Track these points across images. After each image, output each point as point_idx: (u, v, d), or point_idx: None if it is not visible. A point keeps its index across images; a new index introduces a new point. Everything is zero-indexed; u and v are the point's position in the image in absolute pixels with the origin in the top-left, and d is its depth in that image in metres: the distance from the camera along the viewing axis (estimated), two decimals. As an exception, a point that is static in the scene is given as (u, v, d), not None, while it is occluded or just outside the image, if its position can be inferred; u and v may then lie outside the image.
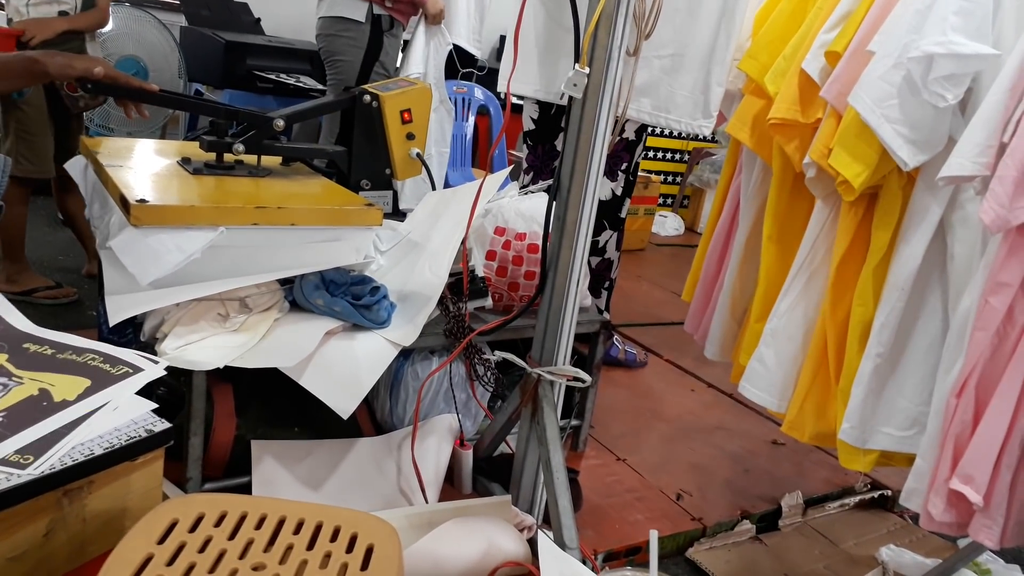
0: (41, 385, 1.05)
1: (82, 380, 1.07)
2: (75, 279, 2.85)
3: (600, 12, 1.39)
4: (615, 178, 2.52)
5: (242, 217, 1.52)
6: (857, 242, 1.55)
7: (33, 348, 1.15)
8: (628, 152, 2.52)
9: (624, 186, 2.55)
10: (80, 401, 1.02)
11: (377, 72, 3.09)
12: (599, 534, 1.82)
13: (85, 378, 1.07)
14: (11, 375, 1.07)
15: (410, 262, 1.88)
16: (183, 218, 1.46)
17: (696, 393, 2.75)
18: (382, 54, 3.08)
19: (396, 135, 2.00)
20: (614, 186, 2.52)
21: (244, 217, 1.52)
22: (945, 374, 1.38)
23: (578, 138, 1.47)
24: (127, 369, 1.11)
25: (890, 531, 2.11)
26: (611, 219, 2.56)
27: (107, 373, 1.09)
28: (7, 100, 2.56)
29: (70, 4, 2.67)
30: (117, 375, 1.09)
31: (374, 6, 3.00)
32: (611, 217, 2.56)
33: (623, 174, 2.53)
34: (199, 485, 1.60)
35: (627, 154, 2.52)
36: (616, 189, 2.53)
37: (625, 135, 2.48)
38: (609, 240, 2.58)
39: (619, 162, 2.51)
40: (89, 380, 1.07)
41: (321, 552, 0.86)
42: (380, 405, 1.92)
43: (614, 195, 2.54)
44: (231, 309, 1.55)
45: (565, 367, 1.60)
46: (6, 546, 0.92)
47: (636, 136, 2.51)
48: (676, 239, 5.27)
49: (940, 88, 1.29)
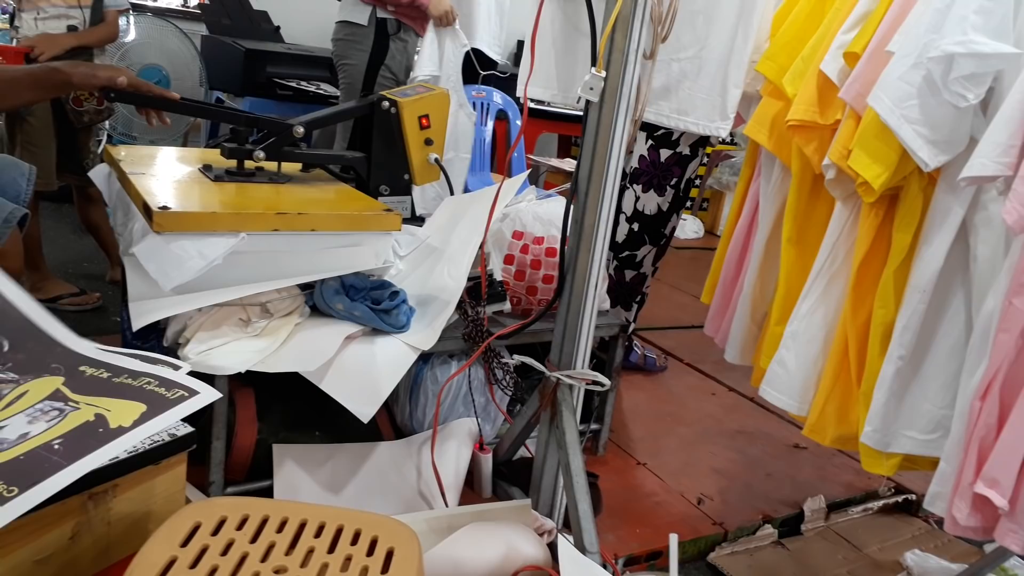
0: (97, 410, 1.03)
1: (138, 405, 1.05)
2: (100, 286, 2.88)
3: (616, 15, 1.39)
4: (663, 193, 2.37)
5: (263, 223, 1.53)
6: (878, 244, 1.53)
7: (89, 371, 1.13)
8: (680, 167, 2.36)
9: (672, 202, 2.40)
10: (136, 427, 1.00)
11: (384, 76, 3.09)
12: (619, 539, 1.81)
13: (141, 403, 1.05)
14: (67, 400, 1.05)
15: (429, 266, 1.89)
16: (205, 224, 1.48)
17: (717, 397, 2.74)
18: (388, 58, 3.08)
19: (414, 140, 2.02)
20: (661, 201, 2.38)
21: (265, 223, 1.53)
22: (969, 377, 1.37)
23: (595, 142, 1.47)
24: (183, 393, 1.08)
25: (915, 536, 2.09)
26: (653, 234, 2.43)
27: (163, 397, 1.07)
28: (14, 113, 2.60)
29: (78, 18, 2.70)
30: (172, 399, 1.07)
31: (377, 9, 3.02)
32: (653, 232, 2.43)
33: (672, 189, 2.37)
34: (221, 489, 1.62)
35: (679, 168, 2.36)
36: (663, 204, 2.39)
37: (680, 150, 2.33)
38: (647, 255, 2.47)
39: (669, 176, 2.36)
40: (145, 405, 1.05)
41: (342, 555, 0.86)
42: (400, 409, 1.93)
43: (660, 210, 2.40)
44: (252, 314, 1.57)
45: (584, 371, 1.60)
46: (33, 549, 0.93)
47: (691, 151, 2.35)
48: (695, 242, 5.25)
49: (961, 88, 1.28)
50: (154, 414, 1.03)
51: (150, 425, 1.02)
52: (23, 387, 1.07)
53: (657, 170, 2.35)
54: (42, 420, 1.00)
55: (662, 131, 2.26)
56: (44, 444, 0.95)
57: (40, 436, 0.96)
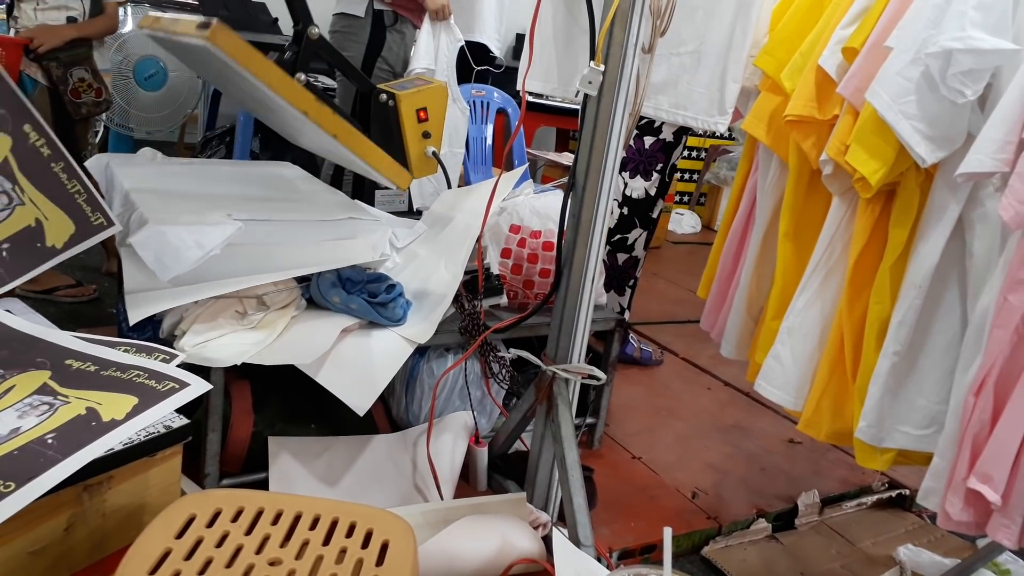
0: (88, 404, 1.02)
1: (129, 398, 1.04)
2: (95, 278, 2.88)
3: (615, 9, 1.38)
4: (649, 178, 2.54)
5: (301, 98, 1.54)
6: (874, 239, 1.53)
7: (76, 365, 1.12)
8: (664, 153, 2.53)
9: (659, 186, 2.57)
10: (129, 420, 0.99)
11: (380, 68, 3.07)
12: (614, 532, 1.82)
13: (132, 396, 1.04)
14: (56, 394, 1.04)
15: (425, 260, 1.89)
16: (250, 59, 1.47)
17: (712, 391, 2.74)
18: (384, 49, 3.06)
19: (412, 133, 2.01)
20: (648, 186, 2.55)
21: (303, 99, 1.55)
22: (963, 372, 1.37)
23: (593, 135, 1.47)
24: (173, 384, 1.07)
25: (908, 531, 2.10)
26: (642, 218, 2.58)
27: (153, 390, 1.06)
28: None
29: (78, 10, 2.68)
30: (163, 391, 1.06)
31: (374, 1, 3.00)
32: (643, 216, 2.58)
33: (658, 174, 2.55)
34: (217, 481, 1.62)
35: (663, 155, 2.53)
36: (650, 189, 2.56)
37: (663, 136, 2.50)
38: (638, 238, 2.60)
39: (655, 163, 2.53)
40: (136, 398, 1.04)
41: (337, 548, 0.86)
42: (396, 402, 1.93)
43: (647, 195, 2.56)
44: (249, 306, 1.57)
45: (580, 365, 1.60)
46: (28, 540, 0.93)
47: (675, 138, 2.52)
48: (693, 237, 5.25)
49: (959, 84, 1.28)
50: (146, 406, 1.03)
51: (143, 417, 1.01)
52: (9, 382, 1.06)
53: (643, 157, 2.51)
54: (32, 415, 0.99)
55: (645, 120, 2.32)
56: (37, 439, 0.94)
57: (32, 431, 0.96)
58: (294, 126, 1.71)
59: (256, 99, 1.69)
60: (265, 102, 1.62)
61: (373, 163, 1.68)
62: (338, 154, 1.73)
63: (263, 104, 1.70)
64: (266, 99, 1.57)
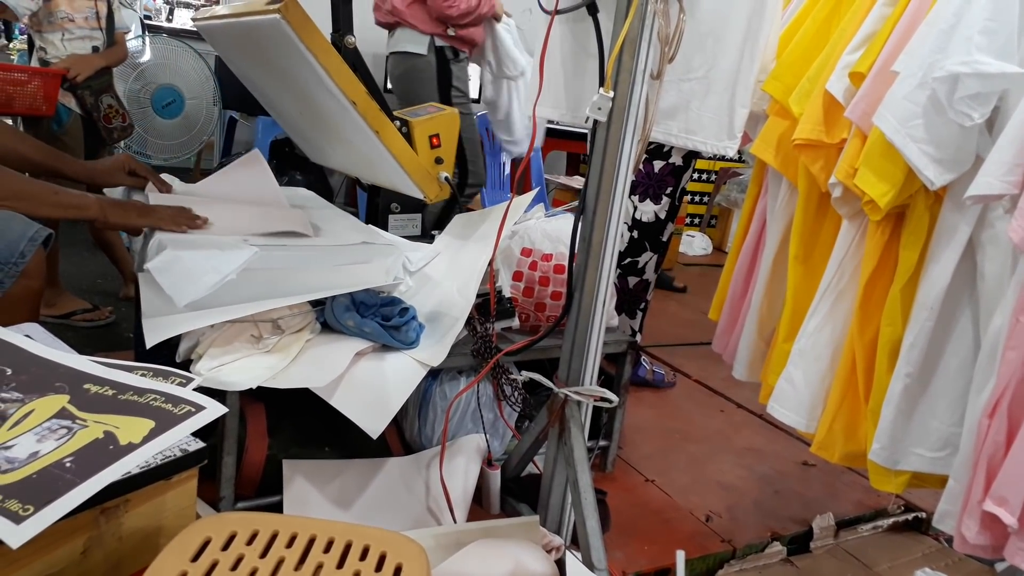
0: (106, 427, 1.03)
1: (146, 422, 1.05)
2: (113, 302, 2.91)
3: (624, 36, 1.41)
4: (659, 201, 2.57)
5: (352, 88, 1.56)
6: (885, 262, 1.54)
7: (94, 389, 1.13)
8: (674, 177, 2.56)
9: (668, 210, 2.60)
10: (146, 444, 1.01)
11: (456, 95, 3.15)
12: (627, 555, 1.81)
13: (149, 419, 1.06)
14: (75, 418, 1.06)
15: (438, 283, 1.90)
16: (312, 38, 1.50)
17: (725, 413, 2.73)
18: (454, 79, 3.14)
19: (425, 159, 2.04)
20: (658, 209, 2.58)
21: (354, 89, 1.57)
22: (977, 394, 1.37)
23: (603, 160, 1.49)
24: (189, 408, 1.09)
25: (925, 554, 2.07)
26: (652, 241, 2.60)
27: (170, 413, 1.07)
28: (48, 132, 2.64)
29: (100, 40, 2.77)
30: (180, 415, 1.07)
31: (436, 38, 3.06)
32: (652, 239, 2.60)
33: (668, 198, 2.58)
34: (232, 504, 1.63)
35: (672, 179, 2.56)
36: (660, 212, 2.58)
37: (672, 160, 2.54)
38: (649, 262, 2.62)
39: (664, 186, 2.56)
40: (153, 421, 1.05)
41: (351, 571, 0.87)
42: (409, 425, 1.93)
43: (657, 218, 2.59)
44: (264, 330, 1.58)
45: (592, 387, 1.61)
46: (45, 564, 0.94)
47: (684, 162, 2.56)
48: (704, 259, 5.25)
49: (966, 107, 1.29)
50: (163, 430, 1.04)
51: (160, 441, 1.02)
52: (29, 406, 1.07)
53: (652, 181, 2.55)
54: (51, 439, 1.01)
55: (654, 144, 2.36)
56: (56, 462, 0.95)
57: (51, 454, 0.97)
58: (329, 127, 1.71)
59: (298, 89, 1.68)
60: (309, 92, 1.62)
61: (407, 166, 1.69)
62: (367, 162, 1.74)
63: (304, 96, 1.70)
64: (313, 89, 1.57)
